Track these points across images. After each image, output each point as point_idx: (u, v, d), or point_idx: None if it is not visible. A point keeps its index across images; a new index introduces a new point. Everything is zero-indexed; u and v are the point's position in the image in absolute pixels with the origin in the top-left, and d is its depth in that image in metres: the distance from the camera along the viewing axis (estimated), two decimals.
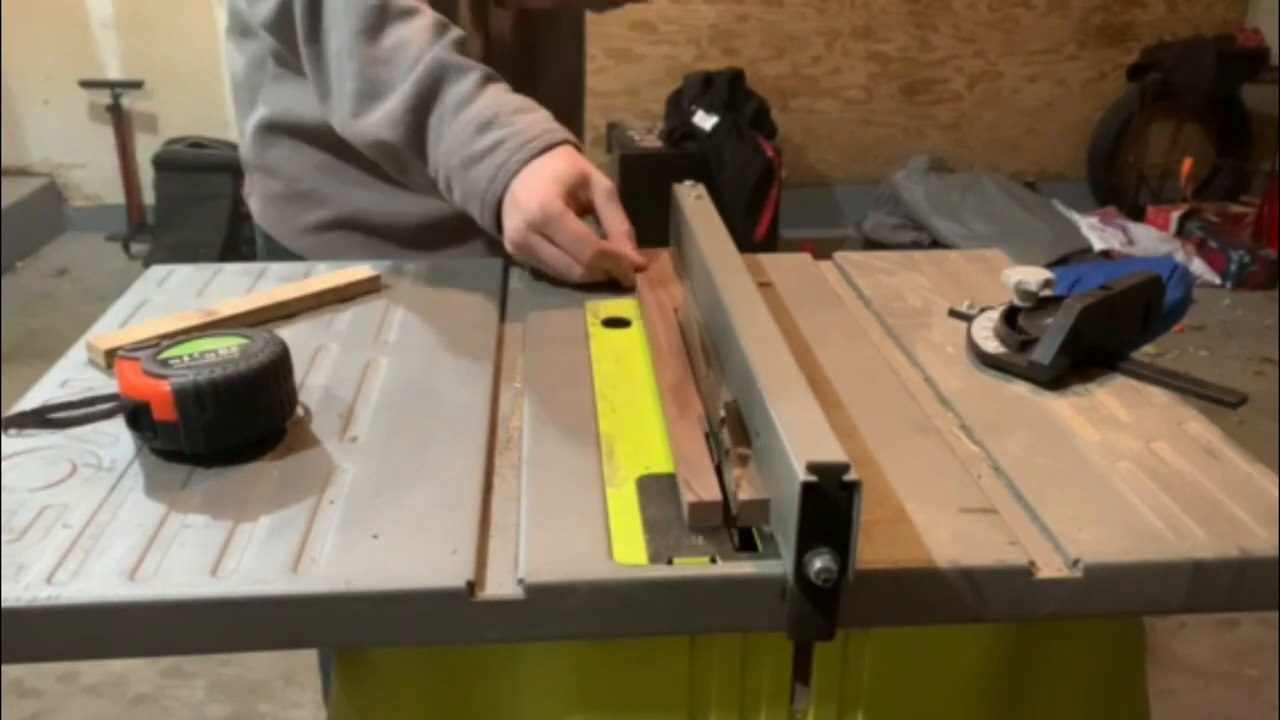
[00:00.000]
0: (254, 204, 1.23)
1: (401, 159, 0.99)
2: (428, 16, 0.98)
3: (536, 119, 0.97)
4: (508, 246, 0.96)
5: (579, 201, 0.96)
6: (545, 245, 0.94)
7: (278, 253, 1.19)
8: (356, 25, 0.96)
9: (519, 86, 1.02)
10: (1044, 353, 0.80)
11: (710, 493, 0.62)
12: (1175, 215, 4.02)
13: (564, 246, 0.94)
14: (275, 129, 1.16)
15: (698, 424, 0.70)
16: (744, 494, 0.60)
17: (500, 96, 0.97)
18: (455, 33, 0.97)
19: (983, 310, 0.89)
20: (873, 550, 0.60)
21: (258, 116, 1.16)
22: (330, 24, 0.97)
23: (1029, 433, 0.74)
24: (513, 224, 0.94)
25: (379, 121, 0.96)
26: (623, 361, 0.84)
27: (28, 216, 3.97)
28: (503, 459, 0.72)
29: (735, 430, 0.66)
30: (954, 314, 0.93)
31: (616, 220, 0.98)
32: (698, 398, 0.74)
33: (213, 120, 4.01)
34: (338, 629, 0.59)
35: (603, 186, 0.97)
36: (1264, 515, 0.64)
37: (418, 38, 0.96)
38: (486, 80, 0.97)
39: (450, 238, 1.16)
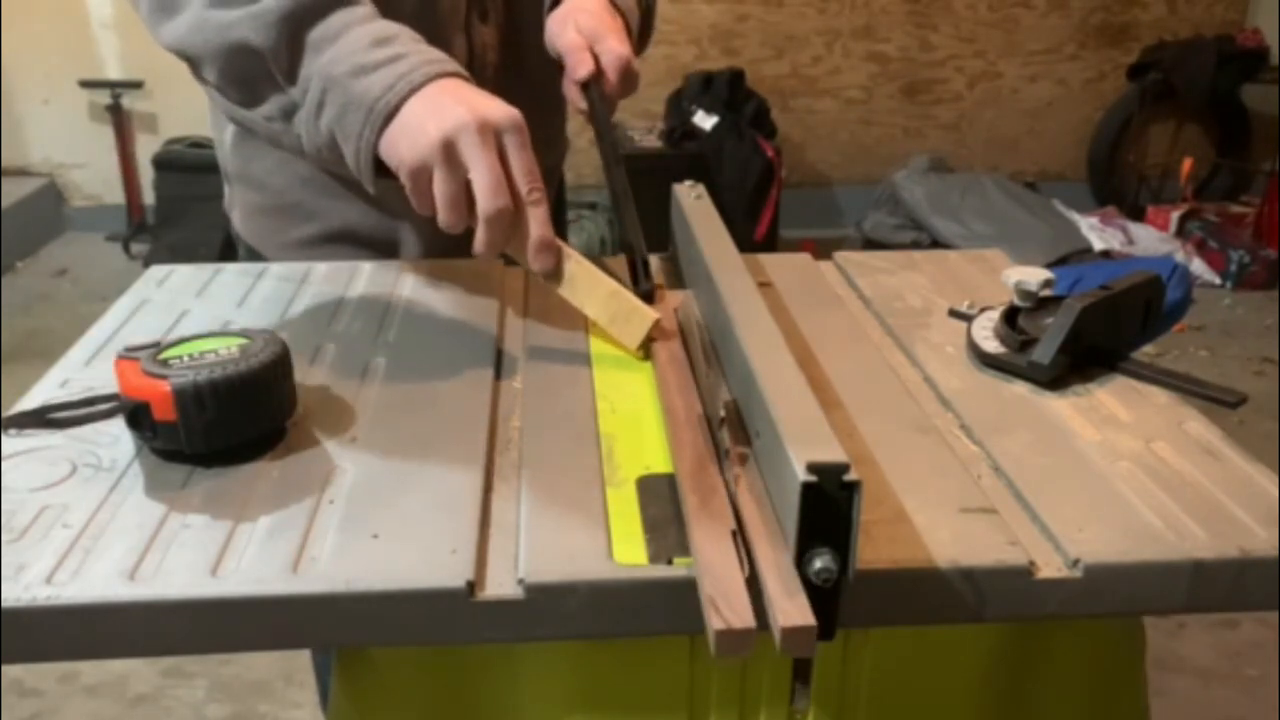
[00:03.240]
0: (236, 216, 1.16)
1: (253, 71, 0.84)
2: None
3: (440, 51, 0.84)
4: (408, 152, 0.78)
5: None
6: (484, 151, 0.76)
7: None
8: None
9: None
10: (1044, 353, 0.80)
11: (742, 618, 0.52)
12: (1175, 215, 4.01)
13: (512, 162, 0.78)
14: (258, 138, 1.04)
15: (723, 521, 0.59)
16: (786, 620, 0.51)
17: (397, 24, 0.85)
18: None
19: (983, 310, 0.89)
20: (873, 550, 0.60)
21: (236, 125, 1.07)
22: None
23: (1029, 433, 0.74)
24: (434, 123, 0.77)
25: (240, 19, 0.82)
26: (623, 362, 0.84)
27: (28, 216, 3.97)
28: (503, 459, 0.72)
29: (735, 430, 0.66)
30: (954, 314, 0.93)
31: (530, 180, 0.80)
32: (721, 482, 0.63)
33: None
34: (338, 629, 0.59)
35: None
36: (1264, 515, 0.64)
37: None
38: (377, 13, 0.86)
39: (444, 251, 1.10)
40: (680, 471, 0.65)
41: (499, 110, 0.78)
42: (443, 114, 0.77)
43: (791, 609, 0.52)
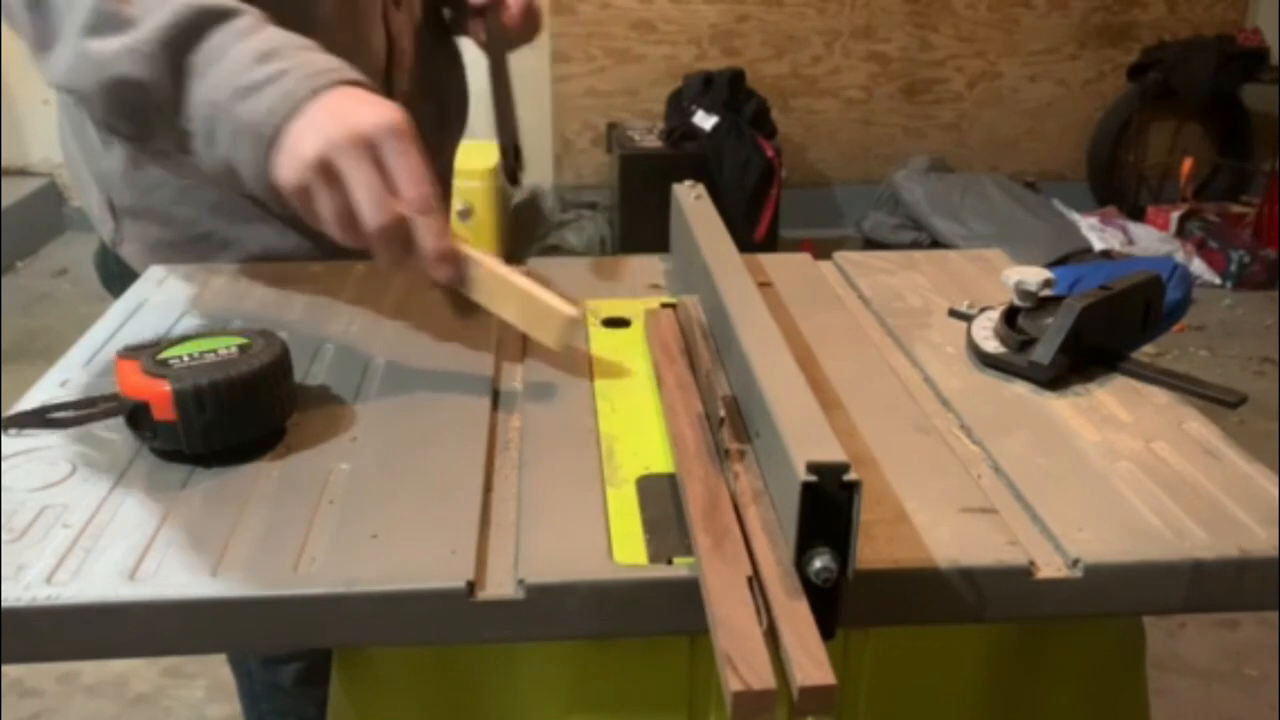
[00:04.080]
0: (131, 252, 1.08)
1: (140, 105, 0.79)
2: None
3: (326, 57, 0.79)
4: (289, 174, 0.74)
5: None
6: (361, 167, 0.72)
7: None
8: None
9: (415, 90, 0.96)
10: (1044, 353, 0.80)
11: (761, 678, 0.48)
12: (1175, 215, 4.01)
13: (394, 172, 0.73)
14: (152, 168, 1.00)
15: (738, 567, 0.56)
16: (806, 678, 0.48)
17: (282, 33, 0.80)
18: None
19: (983, 310, 0.89)
20: (873, 550, 0.60)
21: (124, 153, 1.01)
22: None
23: (1029, 433, 0.74)
24: (309, 143, 0.73)
25: (117, 53, 0.77)
26: (623, 361, 0.84)
27: (28, 216, 3.97)
28: (503, 459, 0.72)
29: (735, 427, 0.66)
30: (954, 314, 0.93)
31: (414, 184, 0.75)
32: (735, 521, 0.60)
33: None
34: (338, 629, 0.59)
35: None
36: (1264, 515, 0.64)
37: None
38: (263, 21, 0.80)
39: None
40: (693, 511, 0.61)
41: (374, 118, 0.74)
42: (317, 132, 0.73)
43: (810, 666, 0.49)
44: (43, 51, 0.82)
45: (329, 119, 0.74)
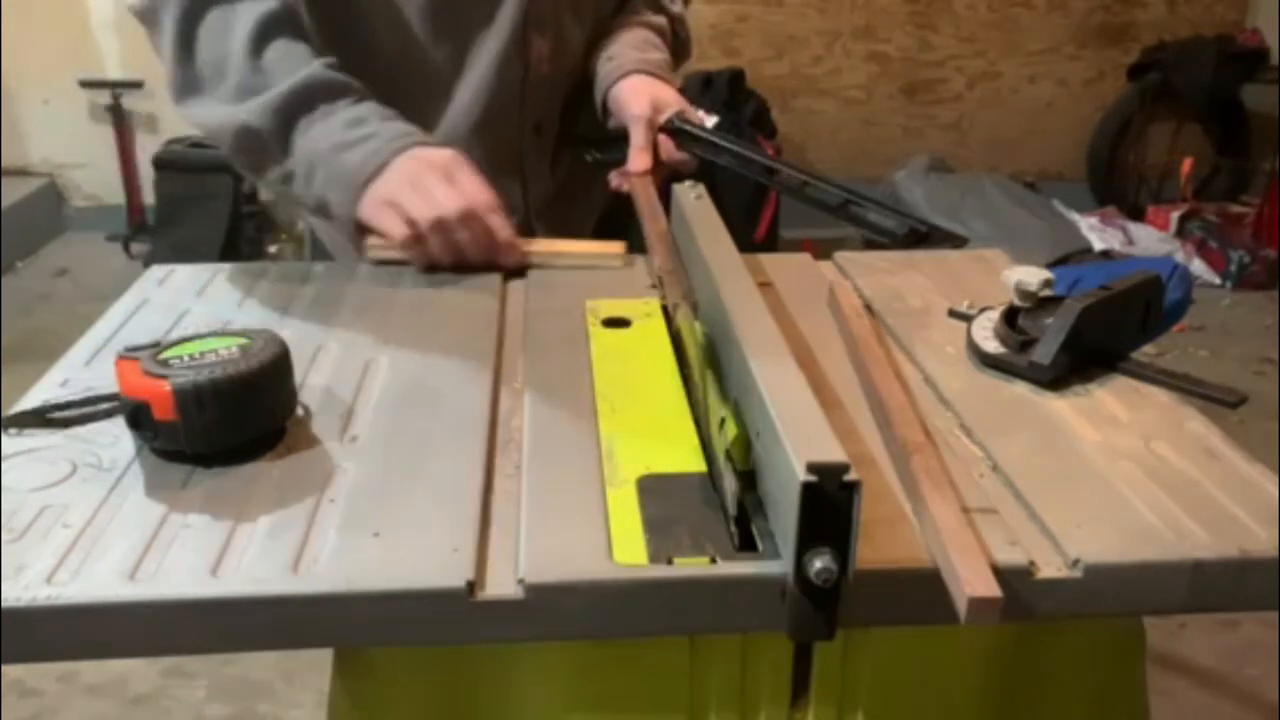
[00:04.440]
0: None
1: (257, 148, 1.02)
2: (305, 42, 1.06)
3: (406, 124, 1.03)
4: (373, 207, 0.99)
5: None
6: (440, 181, 0.97)
7: (320, 250, 1.25)
8: (243, 38, 1.01)
9: (554, 110, 1.11)
10: (1044, 353, 0.80)
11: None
12: (1175, 215, 4.01)
13: (463, 185, 0.98)
14: None
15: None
16: (973, 591, 0.56)
17: (372, 105, 1.03)
18: (329, 58, 1.04)
19: (983, 310, 0.89)
20: (873, 550, 0.60)
21: None
22: (209, 36, 1.03)
23: (1029, 433, 0.74)
24: (393, 182, 0.98)
25: (249, 109, 1.00)
26: (623, 361, 0.84)
27: (28, 216, 3.97)
28: (503, 459, 0.72)
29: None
30: (954, 314, 0.93)
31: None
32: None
33: None
34: (338, 629, 0.59)
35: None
36: (1264, 515, 0.64)
37: (301, 53, 1.03)
38: (361, 95, 1.04)
39: None
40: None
41: (444, 155, 1.01)
42: (397, 171, 0.98)
43: (978, 580, 0.56)
44: (185, 98, 1.04)
45: (407, 162, 0.99)
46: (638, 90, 1.17)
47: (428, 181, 0.98)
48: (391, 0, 1.10)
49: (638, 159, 1.15)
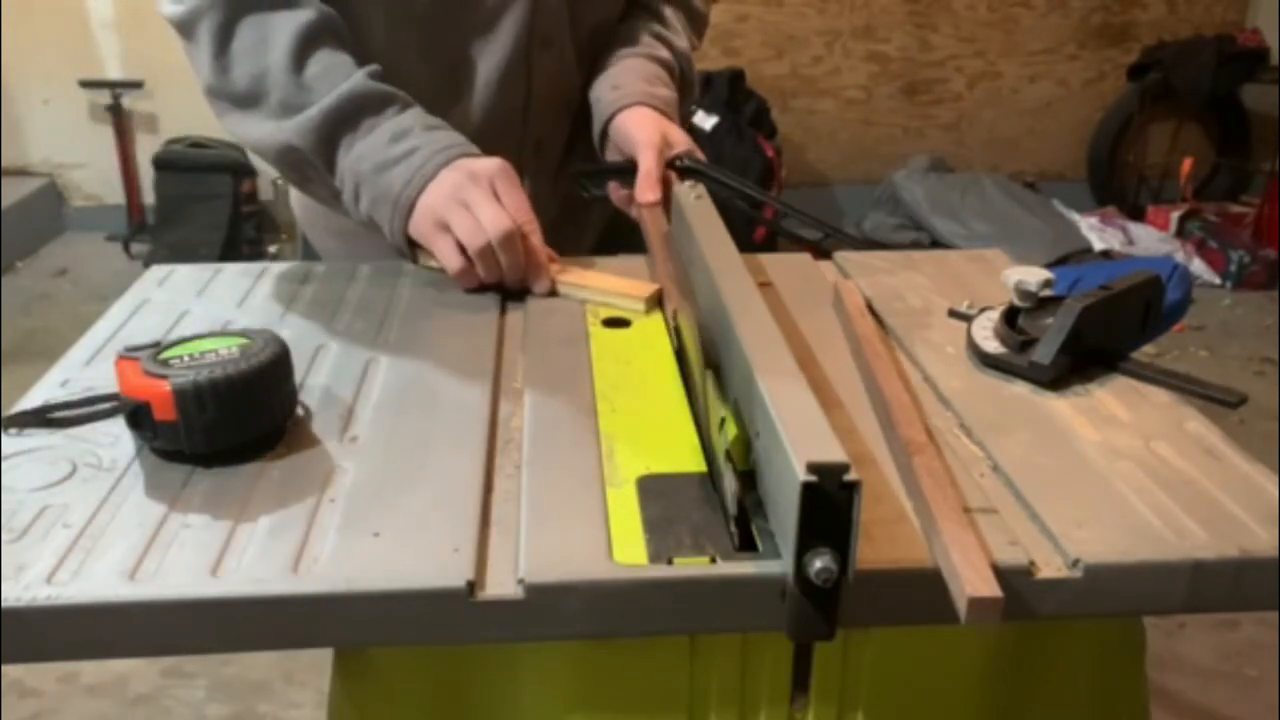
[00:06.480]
0: (294, 203, 1.27)
1: (301, 164, 1.01)
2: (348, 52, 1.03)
3: (450, 134, 1.00)
4: (424, 225, 0.97)
5: None
6: (485, 196, 0.95)
7: (310, 252, 1.23)
8: (286, 49, 0.99)
9: (556, 128, 1.09)
10: (1044, 353, 0.80)
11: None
12: (1175, 215, 4.01)
13: (505, 201, 0.96)
14: None
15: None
16: (974, 590, 0.56)
17: (415, 114, 1.00)
18: (373, 66, 1.01)
19: (983, 310, 0.89)
20: (873, 550, 0.60)
21: None
22: (249, 48, 1.00)
23: (1029, 433, 0.74)
24: (440, 197, 0.95)
25: (290, 128, 0.98)
26: (623, 361, 0.84)
27: (28, 216, 3.97)
28: (503, 459, 0.72)
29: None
30: (954, 314, 0.93)
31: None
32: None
33: (213, 120, 3.98)
34: (338, 629, 0.59)
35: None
36: (1264, 515, 0.64)
37: (343, 65, 1.00)
38: (405, 105, 1.01)
39: None
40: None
41: (489, 165, 0.97)
42: (443, 185, 0.96)
43: (978, 580, 0.56)
44: (227, 113, 1.03)
45: (452, 174, 0.96)
46: (645, 121, 1.12)
47: (474, 196, 0.95)
48: (392, 15, 1.07)
49: (646, 186, 1.08)
